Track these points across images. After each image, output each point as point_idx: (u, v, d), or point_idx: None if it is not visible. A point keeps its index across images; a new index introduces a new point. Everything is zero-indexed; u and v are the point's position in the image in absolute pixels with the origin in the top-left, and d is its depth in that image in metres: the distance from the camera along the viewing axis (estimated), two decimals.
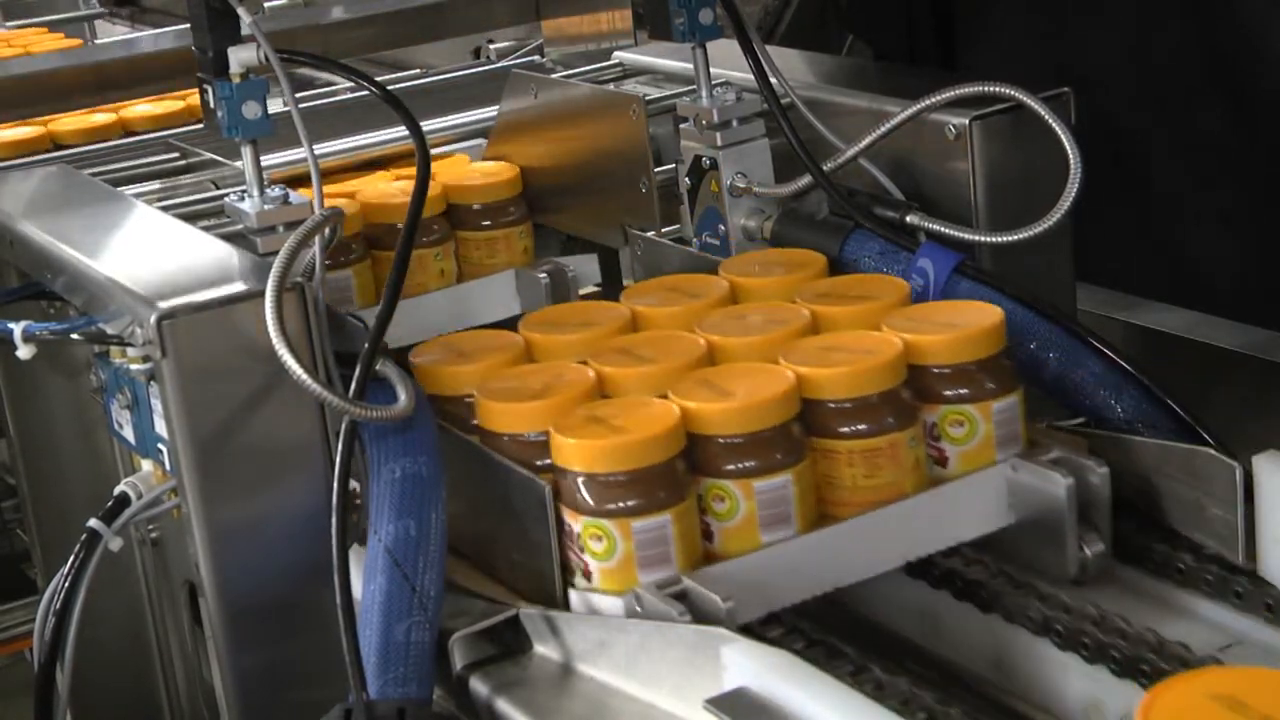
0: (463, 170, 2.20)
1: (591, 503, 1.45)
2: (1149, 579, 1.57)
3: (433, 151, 2.01)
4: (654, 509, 1.45)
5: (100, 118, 2.64)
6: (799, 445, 1.51)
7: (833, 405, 1.53)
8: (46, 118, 2.66)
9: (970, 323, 1.59)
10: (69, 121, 2.65)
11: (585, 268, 2.12)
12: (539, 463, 1.51)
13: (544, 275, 2.05)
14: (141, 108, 2.71)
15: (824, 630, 1.49)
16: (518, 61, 2.72)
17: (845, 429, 1.53)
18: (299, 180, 1.93)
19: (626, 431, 1.46)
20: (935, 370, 1.57)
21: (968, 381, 1.57)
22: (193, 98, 2.67)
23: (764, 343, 1.61)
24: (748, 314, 1.68)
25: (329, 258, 1.82)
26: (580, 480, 1.46)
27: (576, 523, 1.46)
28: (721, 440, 1.49)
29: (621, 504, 1.45)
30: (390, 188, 2.12)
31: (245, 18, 1.68)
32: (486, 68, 2.72)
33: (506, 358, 1.66)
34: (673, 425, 1.47)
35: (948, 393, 1.57)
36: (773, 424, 1.49)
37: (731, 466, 1.48)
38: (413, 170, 1.85)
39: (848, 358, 1.54)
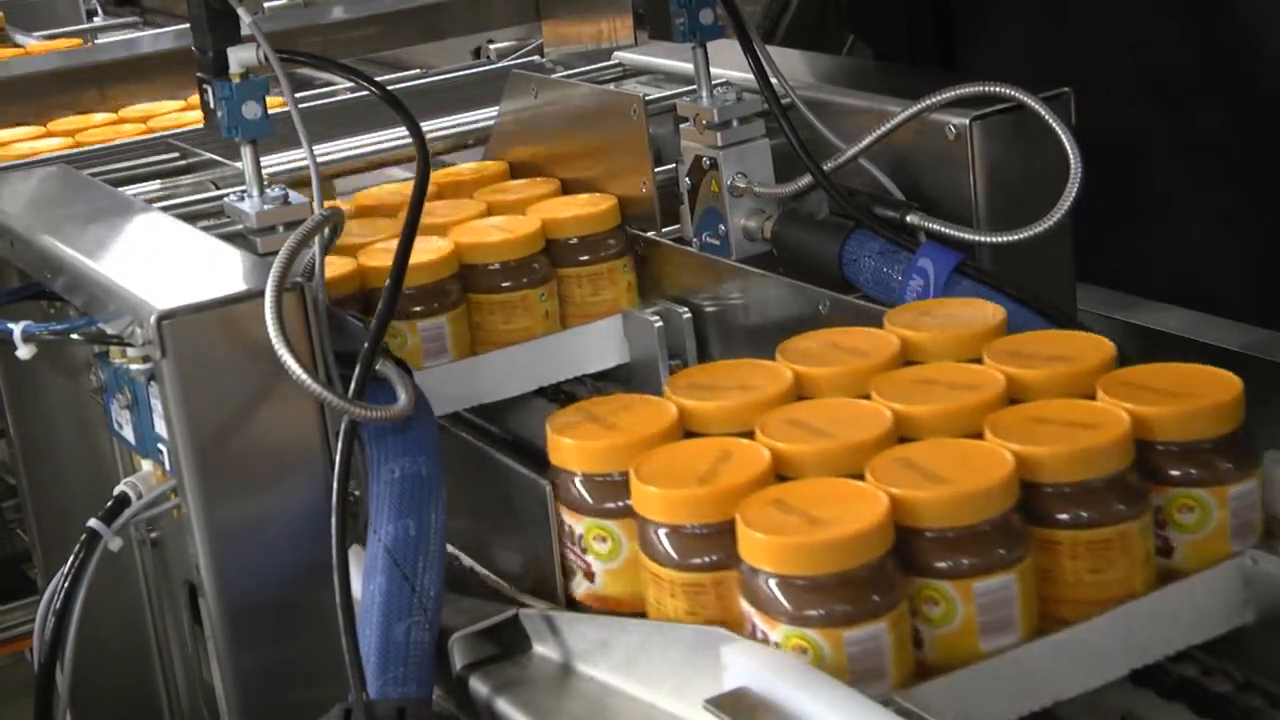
0: (556, 203, 2.04)
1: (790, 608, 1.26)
2: None
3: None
4: (867, 618, 1.25)
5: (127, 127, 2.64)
6: (1022, 538, 1.31)
7: (1050, 489, 1.32)
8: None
9: (1202, 392, 1.38)
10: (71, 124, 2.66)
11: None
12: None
13: (657, 319, 1.93)
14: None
15: None
16: (518, 61, 2.72)
17: (1066, 516, 1.32)
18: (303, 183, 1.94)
19: (829, 525, 1.26)
20: (1162, 448, 1.37)
21: (1201, 463, 1.37)
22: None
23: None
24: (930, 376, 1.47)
25: (420, 303, 1.84)
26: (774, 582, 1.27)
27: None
28: (931, 534, 1.29)
29: (827, 611, 1.25)
30: (484, 225, 1.97)
31: (245, 18, 1.68)
32: (486, 68, 2.72)
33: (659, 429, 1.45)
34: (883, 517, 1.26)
35: (1175, 473, 1.37)
36: (994, 514, 1.29)
37: (945, 564, 1.29)
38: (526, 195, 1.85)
39: (1063, 433, 1.33)
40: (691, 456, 1.38)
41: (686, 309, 1.91)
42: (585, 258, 1.97)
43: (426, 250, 1.88)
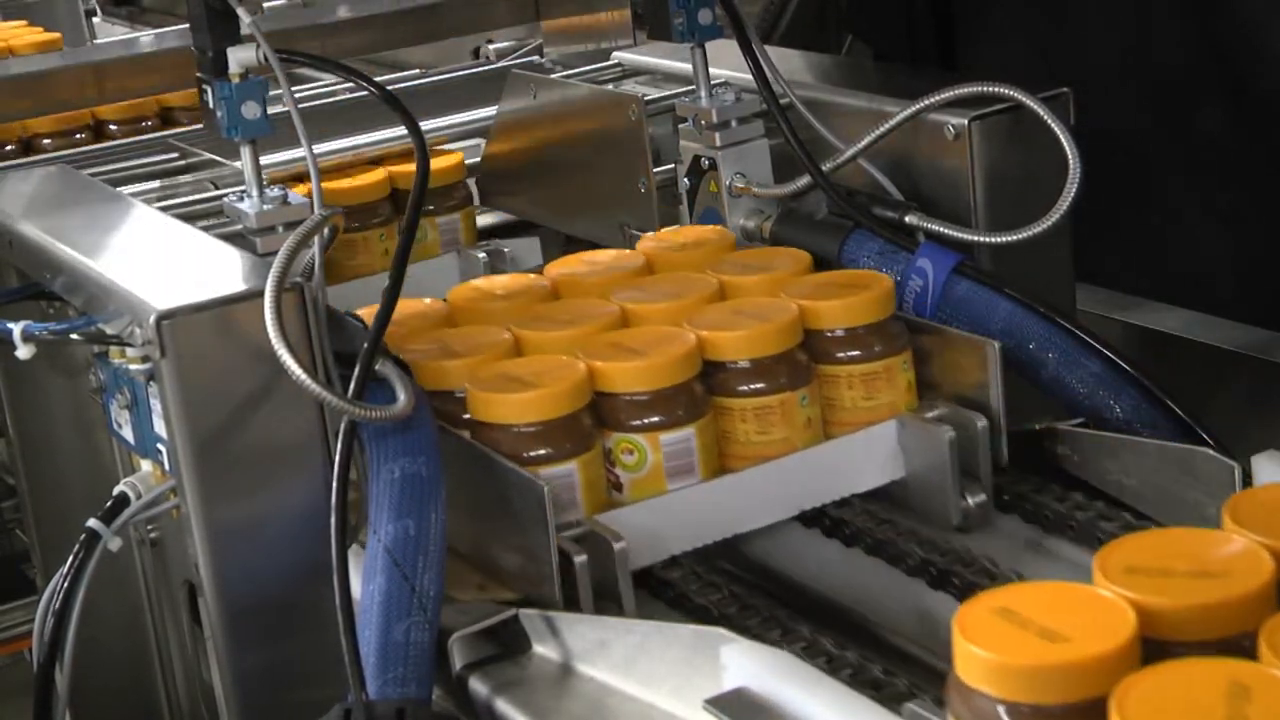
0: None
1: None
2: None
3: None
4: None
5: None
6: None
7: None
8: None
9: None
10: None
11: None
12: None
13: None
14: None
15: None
16: (517, 61, 2.72)
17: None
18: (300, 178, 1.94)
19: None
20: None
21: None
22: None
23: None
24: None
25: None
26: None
27: None
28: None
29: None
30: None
31: (244, 18, 1.68)
32: (485, 68, 2.72)
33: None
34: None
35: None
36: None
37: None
38: None
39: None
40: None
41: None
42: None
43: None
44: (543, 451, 1.56)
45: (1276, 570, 1.08)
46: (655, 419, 1.60)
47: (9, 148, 2.93)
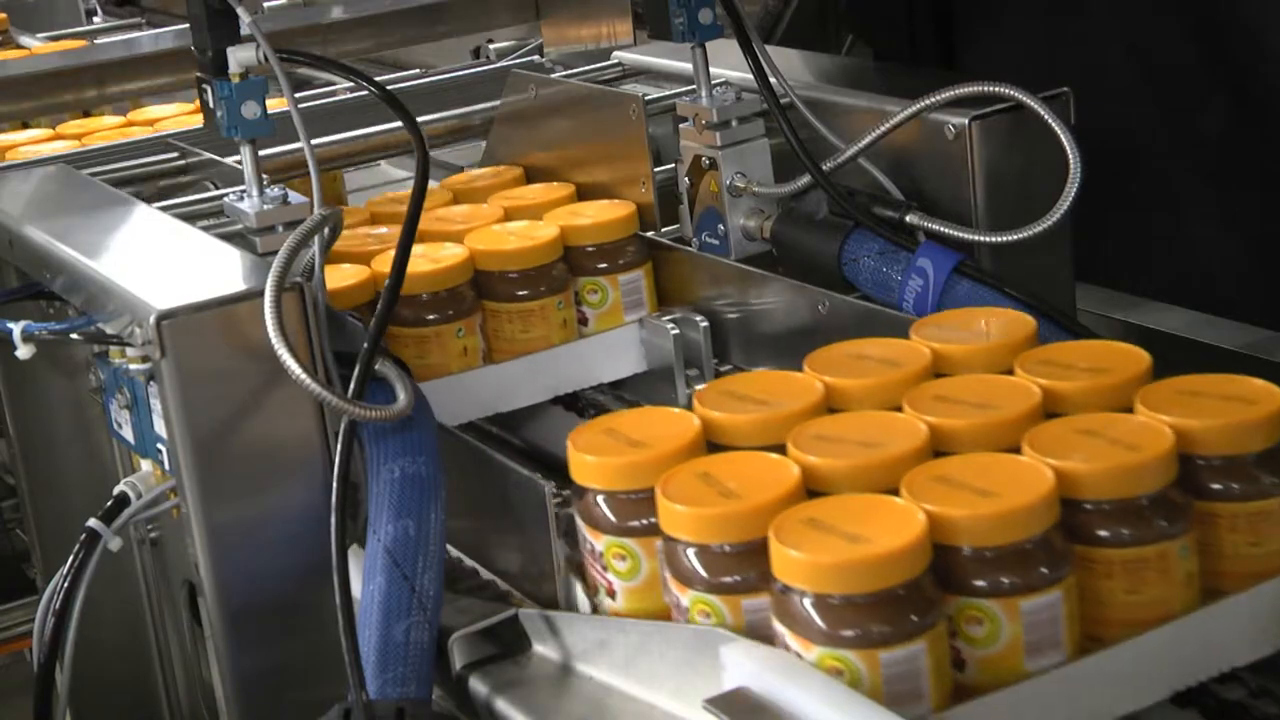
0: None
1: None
2: None
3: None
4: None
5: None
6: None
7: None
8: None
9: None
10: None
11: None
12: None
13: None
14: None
15: None
16: (517, 61, 2.71)
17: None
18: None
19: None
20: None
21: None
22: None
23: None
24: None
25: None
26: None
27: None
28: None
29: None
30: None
31: (245, 17, 1.68)
32: (486, 68, 2.72)
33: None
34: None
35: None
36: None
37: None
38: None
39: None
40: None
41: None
42: (603, 265, 1.96)
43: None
44: (880, 628, 1.21)
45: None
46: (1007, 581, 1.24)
47: None
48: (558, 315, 1.92)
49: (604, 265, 1.95)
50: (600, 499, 1.41)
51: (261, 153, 1.79)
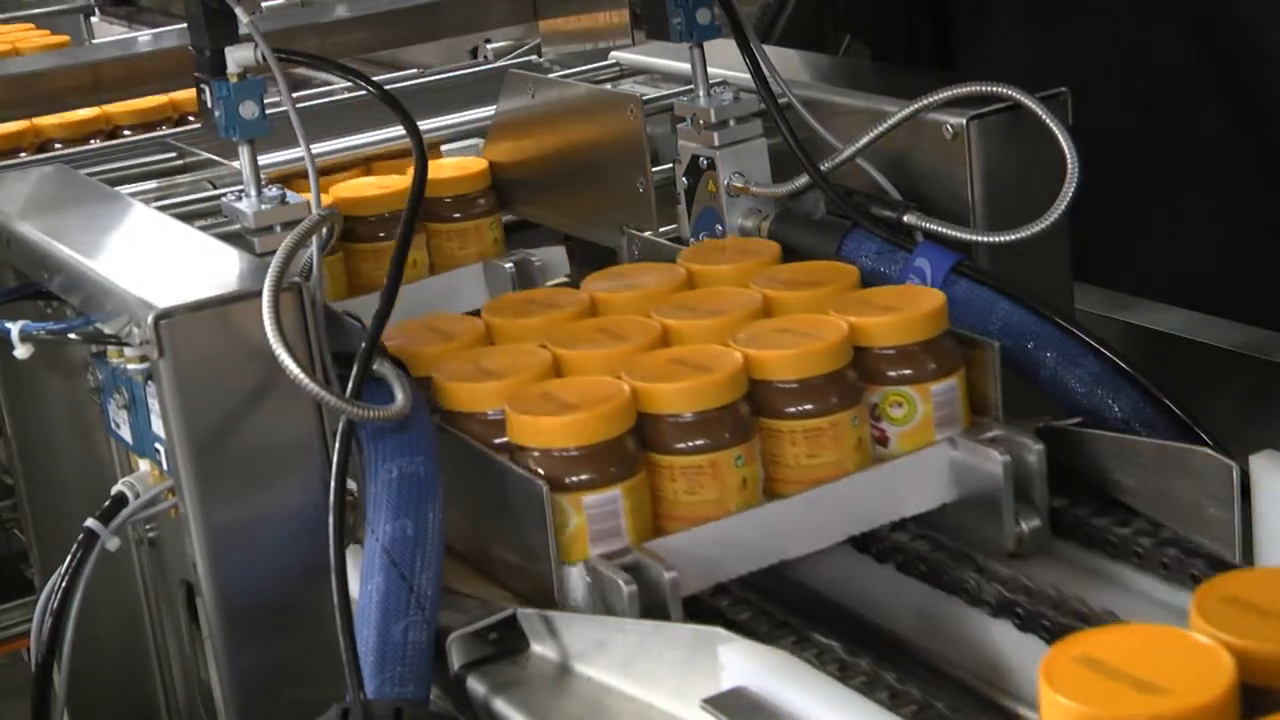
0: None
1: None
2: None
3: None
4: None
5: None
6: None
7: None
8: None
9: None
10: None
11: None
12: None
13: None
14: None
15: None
16: (515, 61, 2.72)
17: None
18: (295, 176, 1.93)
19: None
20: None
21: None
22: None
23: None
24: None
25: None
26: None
27: None
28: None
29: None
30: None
31: (243, 17, 1.68)
32: (484, 68, 2.72)
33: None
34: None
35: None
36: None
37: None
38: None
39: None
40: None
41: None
42: (457, 215, 2.15)
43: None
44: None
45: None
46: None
47: (22, 153, 2.92)
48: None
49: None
50: None
51: (261, 158, 1.79)
